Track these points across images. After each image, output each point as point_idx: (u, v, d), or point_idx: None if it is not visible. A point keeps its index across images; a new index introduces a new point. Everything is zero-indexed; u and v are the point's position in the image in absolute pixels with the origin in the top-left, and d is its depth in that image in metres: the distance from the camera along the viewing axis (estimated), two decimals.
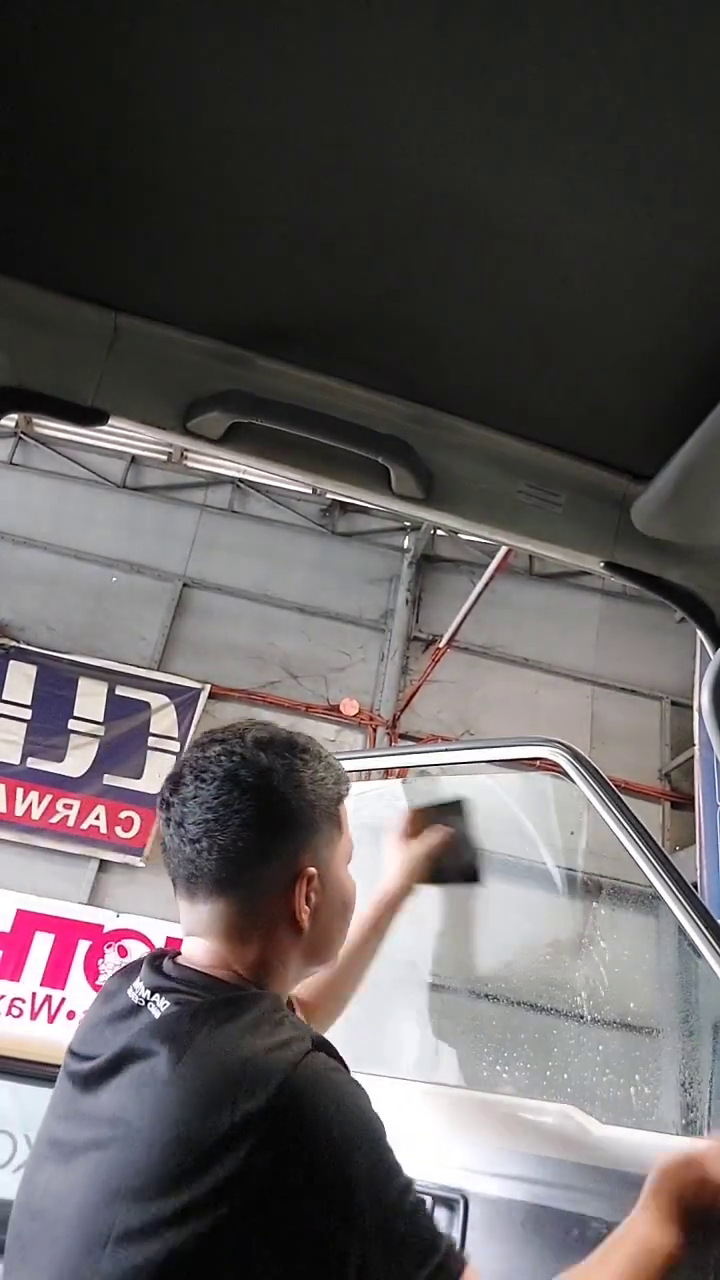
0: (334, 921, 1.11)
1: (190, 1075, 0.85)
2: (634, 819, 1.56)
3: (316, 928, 1.06)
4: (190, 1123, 0.82)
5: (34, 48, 0.77)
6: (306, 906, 1.04)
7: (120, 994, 1.03)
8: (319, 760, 1.10)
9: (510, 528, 1.17)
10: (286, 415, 1.07)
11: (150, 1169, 0.81)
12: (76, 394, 1.05)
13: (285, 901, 1.03)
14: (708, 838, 6.61)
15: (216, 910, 1.02)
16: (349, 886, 1.14)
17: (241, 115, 0.80)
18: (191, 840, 1.01)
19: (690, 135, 0.73)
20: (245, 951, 1.02)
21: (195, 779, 1.03)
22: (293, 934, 1.04)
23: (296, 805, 1.04)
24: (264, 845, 1.02)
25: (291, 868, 1.03)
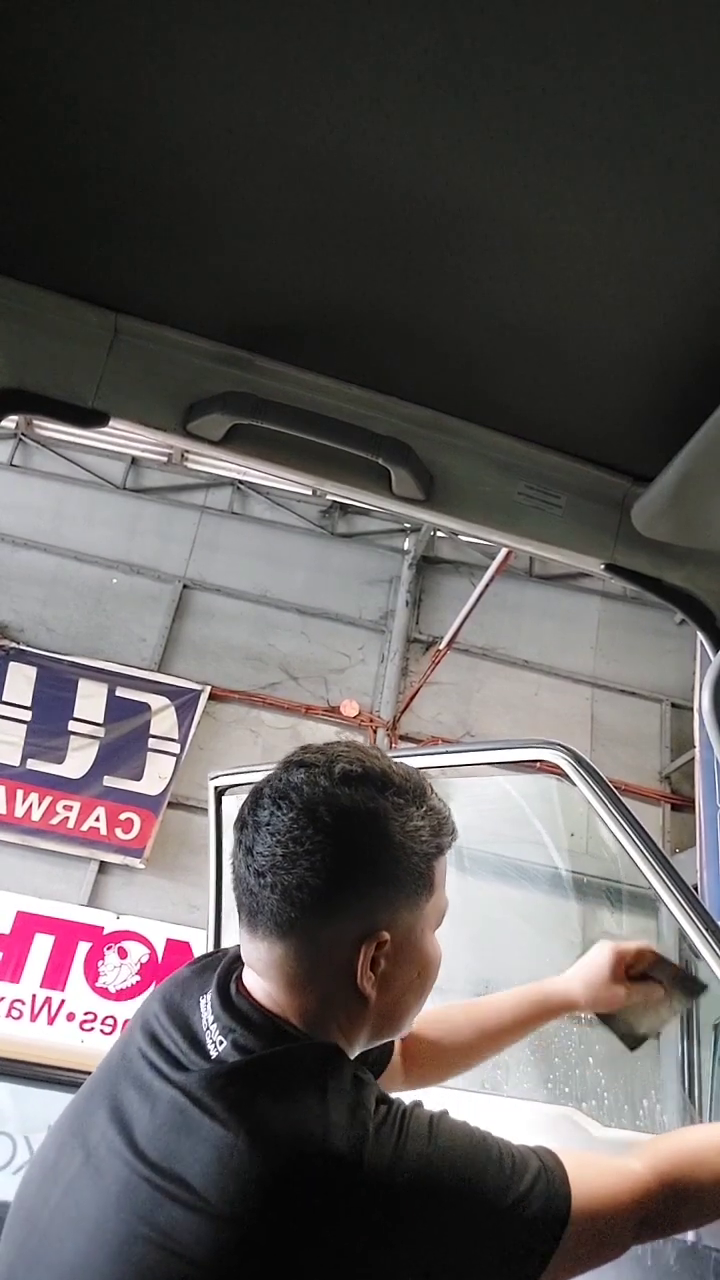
0: (408, 995, 0.97)
1: (263, 1147, 0.78)
2: (634, 821, 1.56)
3: (386, 998, 0.94)
4: (267, 1201, 0.76)
5: (34, 49, 0.77)
6: (372, 974, 0.91)
7: (190, 1003, 0.96)
8: (417, 805, 0.95)
9: (510, 529, 1.17)
10: (286, 416, 1.07)
11: (222, 1245, 0.76)
12: (77, 396, 1.05)
13: (349, 962, 0.90)
14: (708, 840, 6.60)
15: (275, 953, 0.91)
16: (433, 955, 0.99)
17: (241, 117, 0.80)
18: (257, 872, 0.91)
19: (690, 139, 0.73)
20: (302, 1005, 0.91)
21: (273, 803, 0.92)
22: (356, 999, 0.92)
23: (376, 856, 0.91)
24: (331, 895, 0.89)
25: (361, 926, 0.90)
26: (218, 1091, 0.83)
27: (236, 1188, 0.76)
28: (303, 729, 8.36)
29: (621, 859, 1.57)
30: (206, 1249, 0.75)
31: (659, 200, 0.79)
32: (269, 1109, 0.81)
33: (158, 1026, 0.94)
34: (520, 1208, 0.83)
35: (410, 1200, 0.79)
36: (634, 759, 8.62)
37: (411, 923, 0.95)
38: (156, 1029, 0.94)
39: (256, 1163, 0.77)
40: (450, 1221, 0.81)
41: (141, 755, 7.80)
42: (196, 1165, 0.79)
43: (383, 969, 0.92)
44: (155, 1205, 0.78)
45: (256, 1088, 0.83)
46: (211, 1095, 0.83)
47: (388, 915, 0.92)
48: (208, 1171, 0.78)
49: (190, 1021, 0.93)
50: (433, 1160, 0.82)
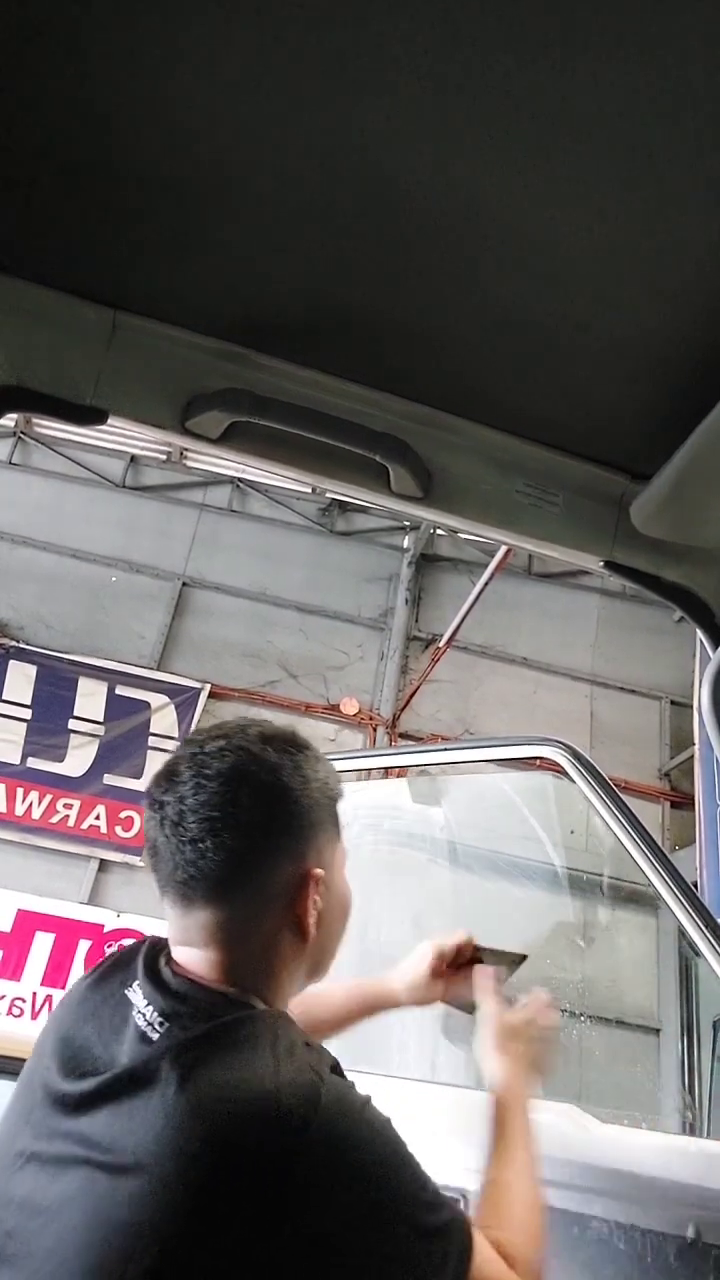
0: (335, 928, 1.05)
1: (215, 1113, 0.81)
2: (634, 818, 1.56)
3: (321, 936, 1.01)
4: (219, 1168, 0.78)
5: (33, 46, 0.77)
6: (314, 910, 0.98)
7: (112, 1000, 0.96)
8: (319, 759, 1.05)
9: (509, 527, 1.17)
10: (285, 413, 1.07)
11: (176, 1209, 0.77)
12: (75, 393, 1.05)
13: (291, 906, 0.97)
14: (707, 837, 6.60)
15: (217, 918, 0.95)
16: (349, 892, 1.08)
17: (240, 114, 0.80)
18: (193, 840, 0.94)
19: (689, 137, 0.73)
20: (247, 962, 0.95)
21: (195, 775, 0.96)
22: (297, 942, 0.98)
23: (306, 803, 0.99)
24: (273, 844, 0.96)
25: (300, 869, 0.97)
26: (169, 1065, 0.84)
27: (191, 1153, 0.78)
28: (302, 727, 8.26)
29: (621, 856, 1.57)
30: (165, 1216, 0.77)
31: (658, 198, 0.79)
32: (220, 1075, 0.82)
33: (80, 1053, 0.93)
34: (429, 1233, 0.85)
35: (341, 1172, 0.81)
36: (633, 756, 8.63)
37: (334, 860, 1.04)
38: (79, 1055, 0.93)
39: (210, 1128, 0.79)
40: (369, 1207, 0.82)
41: (142, 753, 7.80)
42: (150, 1139, 0.80)
43: (320, 907, 0.99)
44: (113, 1189, 0.79)
45: (207, 1057, 0.84)
46: (163, 1070, 0.84)
47: (316, 856, 0.99)
48: (161, 1140, 0.79)
49: (114, 1021, 0.93)
50: (372, 1143, 0.85)
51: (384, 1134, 0.87)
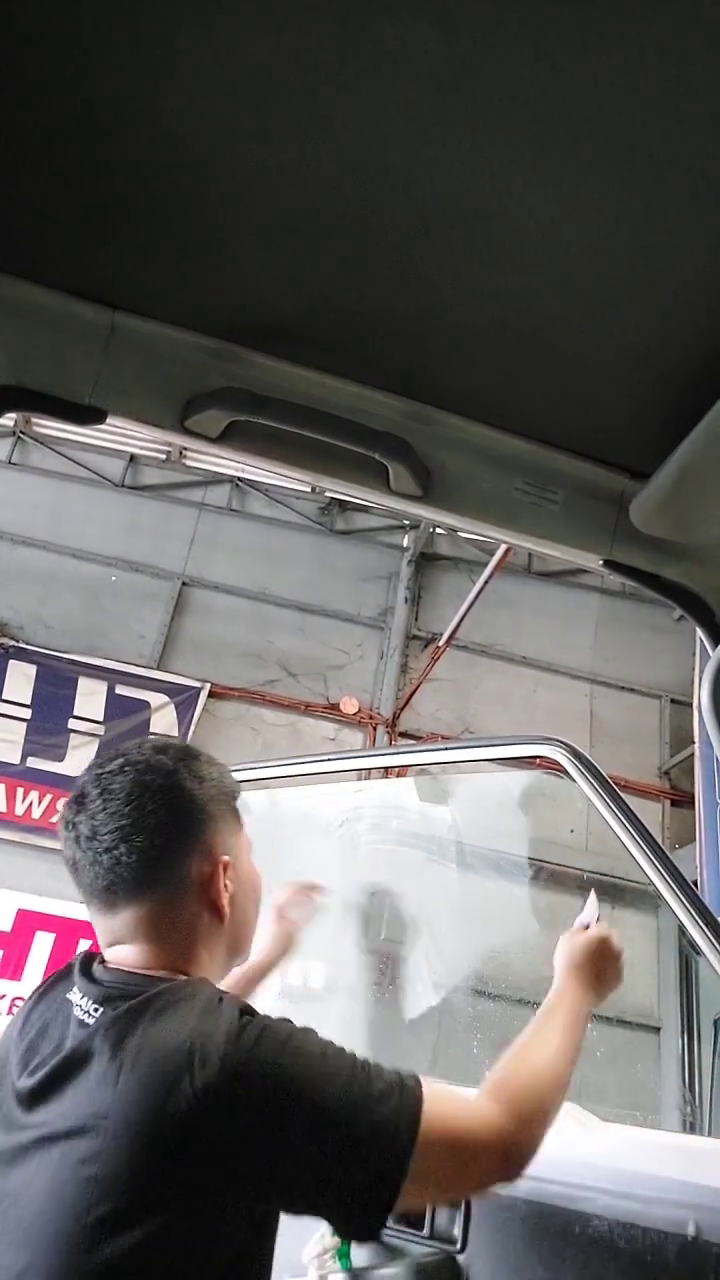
0: (249, 908, 1.19)
1: (144, 1064, 0.90)
2: (634, 817, 1.56)
3: (235, 916, 1.13)
4: (154, 1108, 0.87)
5: (33, 47, 0.77)
6: (226, 892, 1.11)
7: (55, 1004, 1.06)
8: (212, 763, 1.17)
9: (508, 525, 1.17)
10: (284, 412, 1.07)
11: (121, 1156, 0.86)
12: (74, 392, 1.05)
13: (205, 893, 1.09)
14: (707, 835, 6.61)
15: (139, 913, 1.06)
16: (257, 875, 1.21)
17: (239, 113, 0.80)
18: (107, 849, 1.05)
19: (688, 136, 0.73)
20: (172, 948, 1.07)
21: (101, 793, 1.07)
22: (216, 924, 1.10)
23: (204, 799, 1.11)
24: (180, 840, 1.08)
25: (208, 858, 1.10)
26: (102, 1038, 0.94)
27: (129, 1105, 0.88)
28: (302, 726, 8.36)
29: (621, 855, 1.57)
30: (114, 1165, 0.86)
31: (657, 197, 0.79)
32: (148, 1035, 0.93)
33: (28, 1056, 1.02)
34: (372, 1105, 0.93)
35: (265, 1092, 0.90)
36: (633, 755, 8.63)
37: (238, 849, 1.17)
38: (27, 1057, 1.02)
39: (142, 1079, 0.89)
40: (301, 1113, 0.90)
41: None
42: (93, 1104, 0.90)
43: (231, 890, 1.12)
44: (65, 1154, 0.89)
45: (135, 1024, 0.94)
46: (97, 1044, 0.94)
47: (222, 845, 1.13)
48: (102, 1101, 0.89)
49: (58, 1021, 1.03)
50: (284, 1057, 0.93)
51: (306, 1045, 0.95)
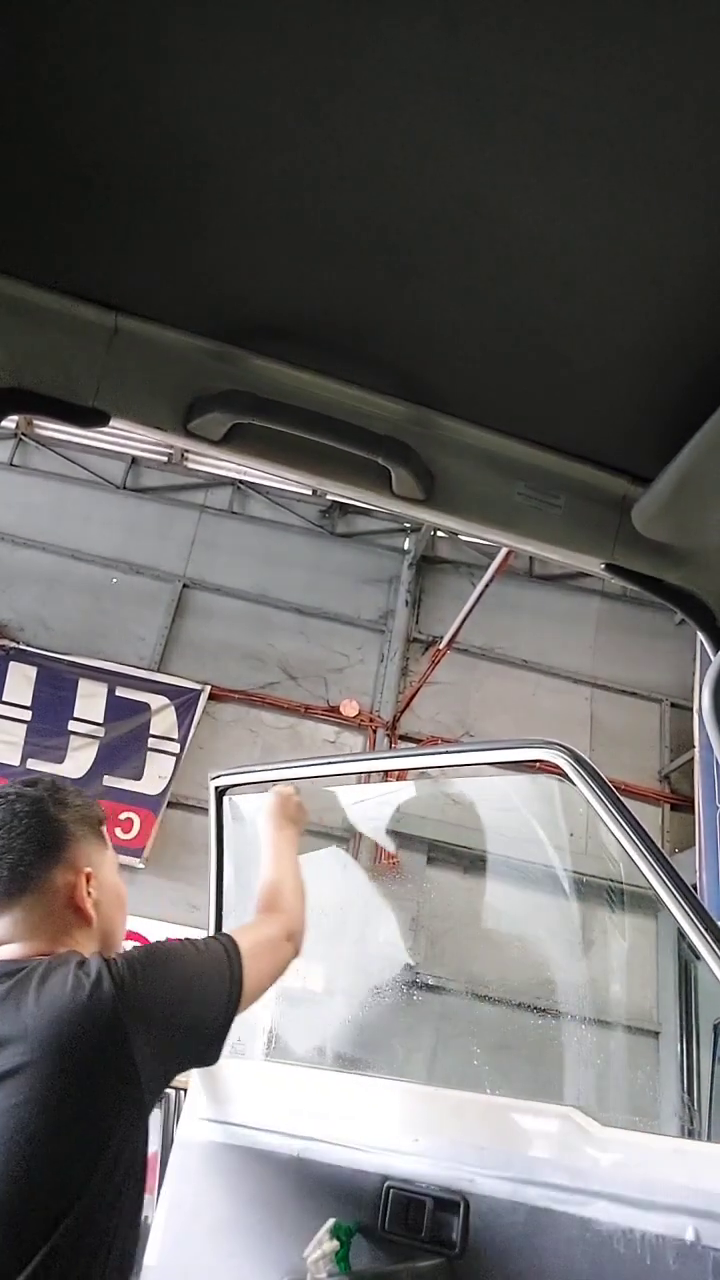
0: (115, 914, 1.44)
1: (46, 1004, 1.17)
2: (634, 821, 1.56)
3: (101, 919, 1.38)
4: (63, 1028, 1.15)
5: (33, 48, 0.77)
6: (89, 897, 1.37)
7: None
8: (79, 794, 1.46)
9: (510, 529, 1.17)
10: (287, 416, 1.07)
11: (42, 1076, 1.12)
12: (77, 395, 1.05)
13: (71, 898, 1.35)
14: (707, 839, 6.60)
15: (16, 914, 1.32)
16: (121, 888, 1.48)
17: (241, 115, 0.80)
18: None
19: (690, 138, 0.73)
20: (46, 944, 1.31)
21: None
22: (83, 925, 1.36)
23: (68, 820, 1.39)
24: (46, 855, 1.34)
25: (72, 869, 1.36)
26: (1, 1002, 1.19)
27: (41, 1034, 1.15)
28: (302, 729, 8.36)
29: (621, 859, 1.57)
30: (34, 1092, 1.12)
31: (658, 201, 0.79)
32: (41, 986, 1.20)
33: None
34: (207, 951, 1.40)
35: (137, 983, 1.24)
36: (633, 759, 8.62)
37: (100, 863, 1.42)
38: None
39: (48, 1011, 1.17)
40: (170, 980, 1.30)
41: (141, 755, 7.80)
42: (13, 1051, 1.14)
43: (94, 897, 1.38)
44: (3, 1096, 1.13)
45: (27, 984, 1.20)
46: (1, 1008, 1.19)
47: (85, 858, 1.39)
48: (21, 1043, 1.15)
49: None
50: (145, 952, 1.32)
51: (154, 946, 1.35)
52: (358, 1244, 1.62)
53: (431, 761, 2.42)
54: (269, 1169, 1.81)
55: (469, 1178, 1.57)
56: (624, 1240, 1.35)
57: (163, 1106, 3.55)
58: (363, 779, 4.52)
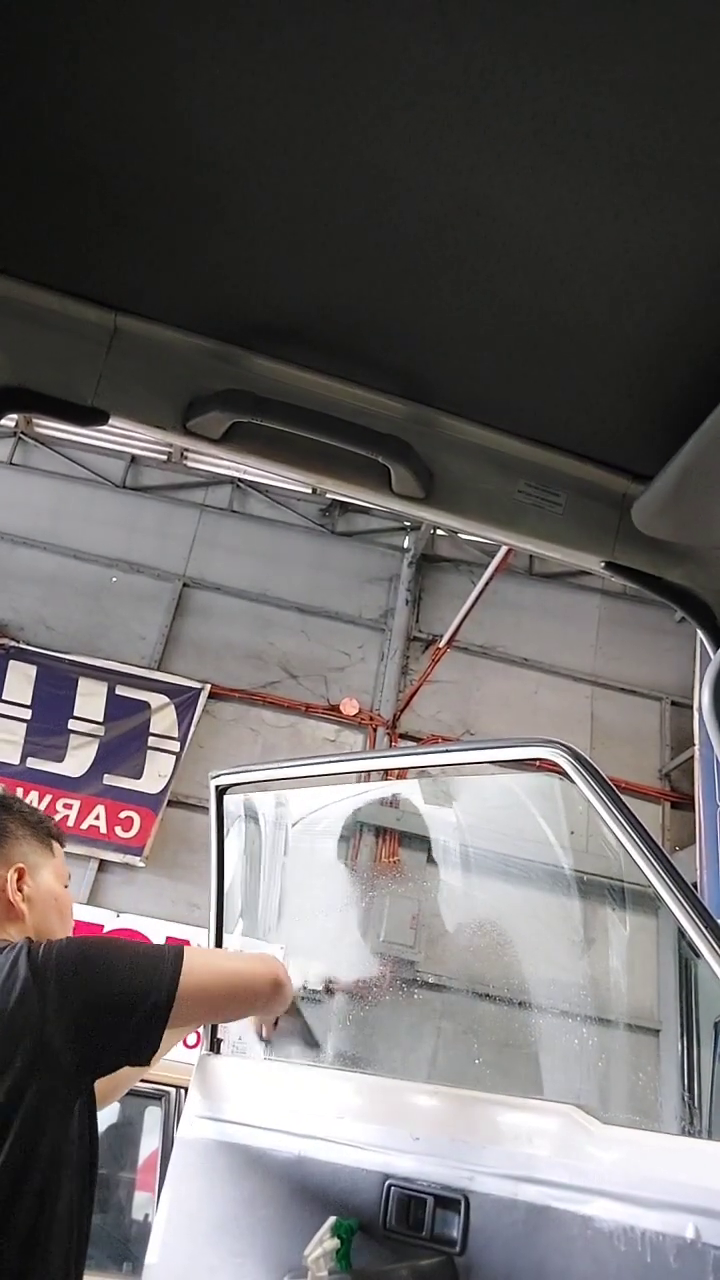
0: (50, 916, 1.51)
1: None
2: (634, 819, 1.56)
3: (34, 914, 1.48)
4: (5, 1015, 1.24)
5: (34, 49, 0.77)
6: (20, 893, 1.46)
7: None
8: (29, 809, 1.60)
9: (510, 527, 1.17)
10: (286, 414, 1.07)
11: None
12: (76, 394, 1.05)
13: (2, 891, 1.46)
14: (707, 838, 6.61)
15: None
16: (63, 895, 1.56)
17: (241, 116, 0.80)
18: None
19: (689, 138, 0.73)
20: None
21: None
22: (14, 920, 1.45)
23: (6, 825, 1.51)
24: None
25: (5, 865, 1.47)
26: None
27: None
28: (303, 727, 8.36)
29: (622, 857, 1.57)
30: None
31: (658, 199, 0.79)
32: None
33: None
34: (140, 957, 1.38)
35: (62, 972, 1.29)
36: (634, 757, 8.62)
37: (39, 865, 1.53)
38: None
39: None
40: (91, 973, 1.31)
41: (141, 754, 7.80)
42: None
43: (26, 891, 1.48)
44: None
45: None
46: None
47: (21, 857, 1.50)
48: None
49: None
50: (74, 942, 1.36)
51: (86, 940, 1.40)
52: (359, 1242, 1.62)
53: (431, 760, 2.42)
54: (269, 1167, 1.81)
55: (469, 1175, 1.57)
56: (624, 1238, 1.35)
57: (163, 1105, 3.55)
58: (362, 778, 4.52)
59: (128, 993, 1.32)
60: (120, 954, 1.38)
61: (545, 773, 1.79)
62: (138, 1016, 1.32)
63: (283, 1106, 1.85)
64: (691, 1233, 1.29)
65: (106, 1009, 1.31)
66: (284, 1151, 1.80)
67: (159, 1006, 1.33)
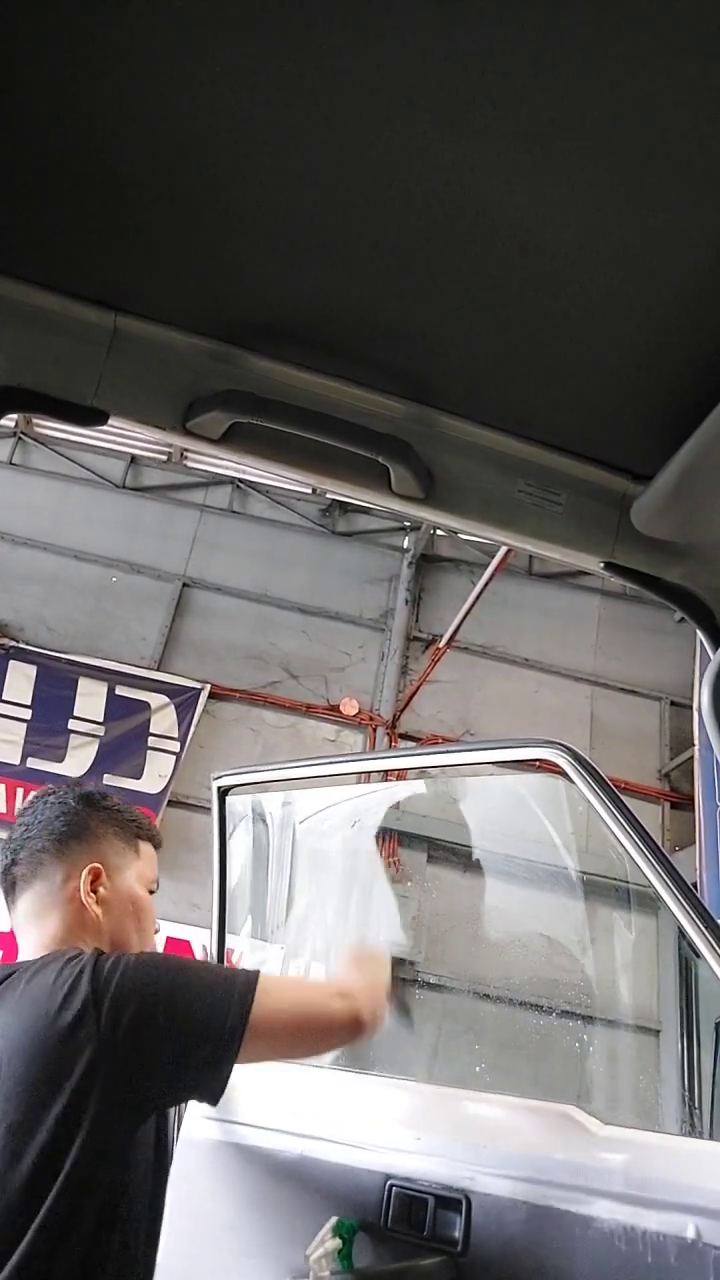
0: (125, 922, 1.39)
1: (25, 1005, 1.15)
2: (634, 819, 1.56)
3: (109, 919, 1.36)
4: (35, 1035, 1.12)
5: (35, 49, 0.77)
6: (94, 894, 1.34)
7: None
8: (121, 806, 1.48)
9: (510, 528, 1.17)
10: (286, 415, 1.07)
11: (14, 1083, 1.10)
12: (76, 394, 1.05)
13: (75, 894, 1.34)
14: (707, 838, 6.61)
15: (27, 902, 1.35)
16: (143, 900, 1.43)
17: (241, 116, 0.80)
18: (12, 852, 1.38)
19: (689, 137, 0.73)
20: (51, 929, 1.31)
21: (22, 815, 1.42)
22: (88, 924, 1.33)
23: (89, 821, 1.40)
24: (59, 845, 1.36)
25: (82, 862, 1.36)
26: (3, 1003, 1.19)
27: (13, 1038, 1.14)
28: (303, 728, 8.36)
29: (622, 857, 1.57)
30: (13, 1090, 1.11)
31: (658, 198, 0.79)
32: (27, 987, 1.18)
33: None
34: (211, 980, 1.24)
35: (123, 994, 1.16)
36: (634, 757, 8.62)
37: (120, 866, 1.40)
38: None
39: (24, 1014, 1.15)
40: (155, 998, 1.17)
41: (141, 754, 7.80)
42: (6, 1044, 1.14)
43: (102, 894, 1.35)
44: None
45: (17, 985, 1.20)
46: None
47: (100, 858, 1.38)
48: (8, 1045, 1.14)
49: None
50: (134, 969, 1.20)
51: (152, 958, 1.25)
52: (360, 1242, 1.62)
53: (432, 761, 2.42)
54: (271, 1167, 1.81)
55: (470, 1176, 1.57)
56: (625, 1238, 1.36)
57: None
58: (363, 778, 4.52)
59: (193, 1025, 1.18)
60: (189, 979, 1.23)
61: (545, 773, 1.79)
62: (203, 1054, 1.18)
63: (284, 1107, 1.85)
64: (692, 1233, 1.29)
65: (168, 1041, 1.17)
66: (286, 1151, 1.80)
67: (226, 1044, 1.18)
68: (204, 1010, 1.19)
